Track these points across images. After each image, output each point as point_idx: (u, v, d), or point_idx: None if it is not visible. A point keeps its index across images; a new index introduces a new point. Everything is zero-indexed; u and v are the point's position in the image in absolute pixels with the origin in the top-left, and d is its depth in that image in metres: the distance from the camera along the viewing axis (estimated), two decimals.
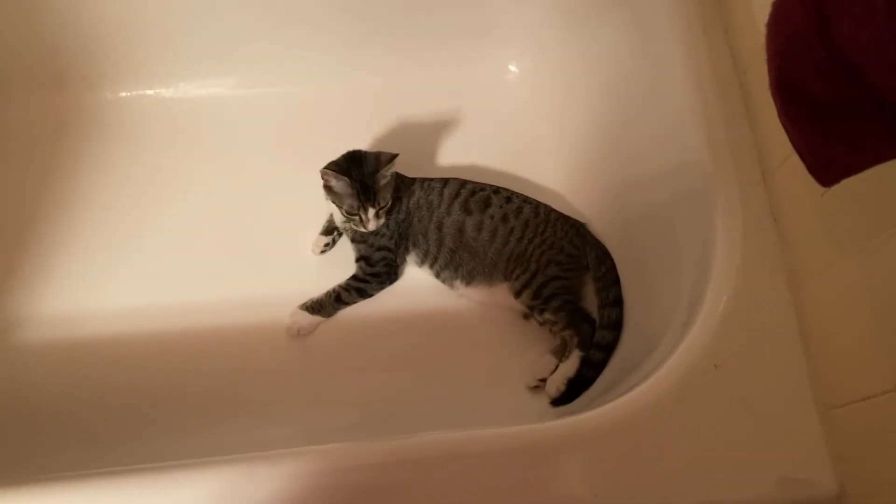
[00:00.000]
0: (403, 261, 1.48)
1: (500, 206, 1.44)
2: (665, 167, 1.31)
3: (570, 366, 1.32)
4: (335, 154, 1.55)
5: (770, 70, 0.74)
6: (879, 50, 0.57)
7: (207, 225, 1.56)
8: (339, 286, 1.45)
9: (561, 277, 1.39)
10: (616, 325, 1.34)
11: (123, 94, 1.68)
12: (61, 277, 1.49)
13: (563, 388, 1.31)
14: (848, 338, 0.98)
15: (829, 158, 0.74)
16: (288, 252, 1.53)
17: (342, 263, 1.50)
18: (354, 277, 1.46)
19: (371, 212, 1.37)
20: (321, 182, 1.39)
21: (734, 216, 1.12)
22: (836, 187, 0.82)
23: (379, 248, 1.45)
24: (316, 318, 1.44)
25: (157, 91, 1.69)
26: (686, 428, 1.01)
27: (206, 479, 0.98)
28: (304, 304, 1.44)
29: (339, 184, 1.37)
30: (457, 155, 1.62)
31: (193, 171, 1.61)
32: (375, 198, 1.37)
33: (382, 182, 1.38)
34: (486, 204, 1.44)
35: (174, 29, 1.61)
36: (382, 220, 1.40)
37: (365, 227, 1.40)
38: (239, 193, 1.59)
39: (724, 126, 1.19)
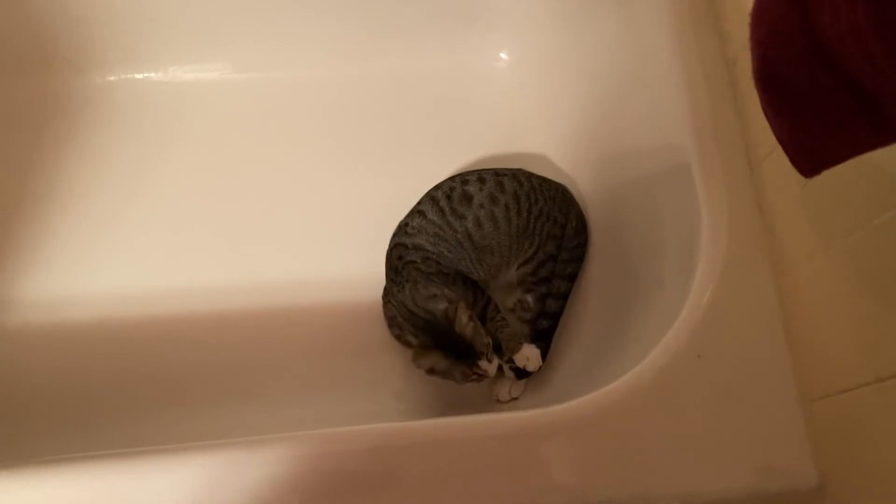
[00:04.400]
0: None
1: (480, 190, 1.36)
2: (653, 157, 1.30)
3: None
4: (323, 141, 1.59)
5: (753, 59, 0.74)
6: (857, 38, 0.57)
7: (196, 210, 1.55)
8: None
9: (555, 257, 1.37)
10: (563, 297, 1.36)
11: (111, 77, 1.66)
12: (47, 262, 1.48)
13: (517, 393, 1.31)
14: (831, 329, 0.98)
15: (810, 149, 0.73)
16: (277, 237, 1.52)
17: (330, 250, 1.49)
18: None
19: (483, 363, 1.22)
20: (309, 167, 1.38)
21: (720, 207, 1.12)
22: (820, 178, 0.81)
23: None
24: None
25: (146, 75, 1.67)
26: (668, 418, 1.02)
27: (194, 463, 0.98)
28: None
29: (430, 361, 1.22)
30: (447, 142, 1.61)
31: (183, 157, 1.60)
32: (470, 350, 1.21)
33: (468, 332, 1.20)
34: (468, 198, 1.36)
35: (164, 10, 1.59)
36: (495, 360, 1.25)
37: (490, 375, 1.25)
38: (228, 179, 1.58)
39: (711, 116, 1.18)
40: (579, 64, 1.54)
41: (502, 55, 1.71)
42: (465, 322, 1.19)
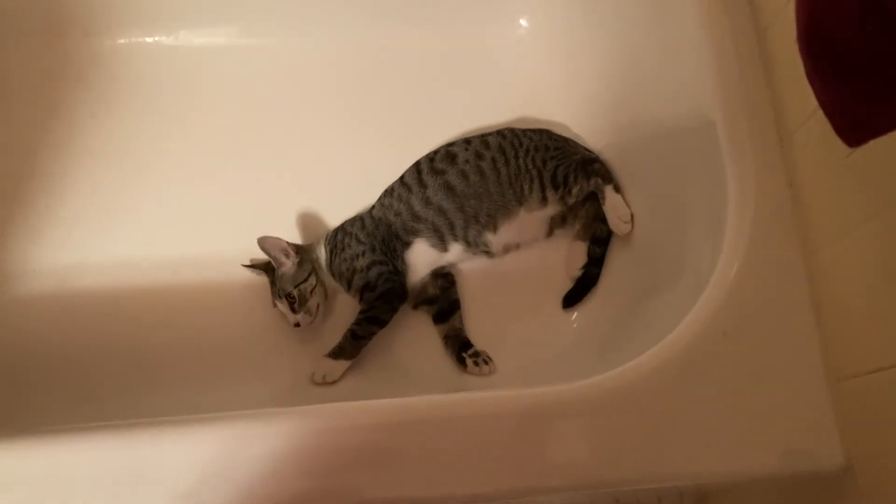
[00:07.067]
0: (405, 265, 1.39)
1: (466, 150, 1.41)
2: (677, 127, 1.27)
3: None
4: (337, 108, 1.57)
5: (798, 22, 0.70)
6: None
7: (206, 177, 1.53)
8: (351, 324, 1.35)
9: (557, 159, 1.40)
10: (604, 242, 1.40)
11: (122, 41, 1.63)
12: (58, 228, 1.47)
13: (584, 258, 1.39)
14: (861, 309, 0.95)
15: (857, 117, 0.70)
16: (289, 205, 1.51)
17: (344, 215, 1.47)
18: (362, 310, 1.36)
19: (280, 306, 1.35)
20: (321, 135, 1.36)
21: (748, 181, 1.08)
22: (858, 152, 0.78)
23: (369, 267, 1.36)
24: (340, 363, 1.32)
25: (156, 39, 1.64)
26: (692, 396, 0.99)
27: (203, 435, 0.97)
28: (329, 351, 1.33)
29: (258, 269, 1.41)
30: (466, 110, 1.58)
31: (193, 122, 1.58)
32: (276, 290, 1.35)
33: (280, 271, 1.36)
34: (452, 157, 1.40)
35: None
36: (301, 315, 1.34)
37: (290, 323, 1.35)
38: (239, 146, 1.56)
39: (739, 86, 1.14)
40: (601, 29, 1.50)
41: (522, 22, 1.67)
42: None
